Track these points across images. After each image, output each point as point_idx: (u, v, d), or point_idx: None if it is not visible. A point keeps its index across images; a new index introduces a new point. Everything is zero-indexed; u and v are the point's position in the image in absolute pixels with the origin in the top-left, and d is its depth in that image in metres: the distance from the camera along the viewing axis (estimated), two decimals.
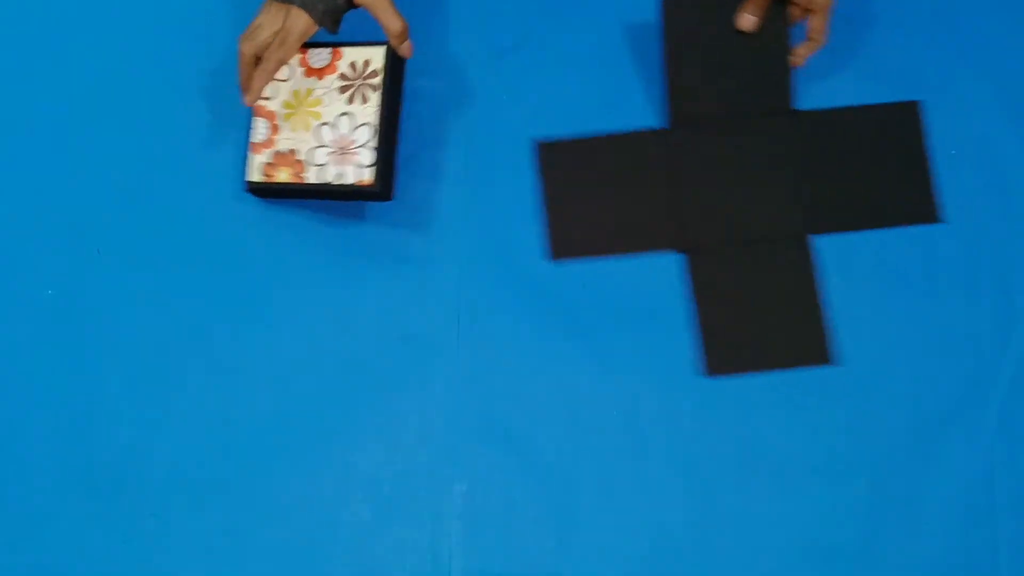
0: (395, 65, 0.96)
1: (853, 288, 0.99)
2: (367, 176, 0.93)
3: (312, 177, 0.94)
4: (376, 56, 0.95)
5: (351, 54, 0.95)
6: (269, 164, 0.95)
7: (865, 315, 0.99)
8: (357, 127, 0.94)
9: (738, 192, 1.00)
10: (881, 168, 1.02)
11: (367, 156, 0.93)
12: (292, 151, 0.95)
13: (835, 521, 0.94)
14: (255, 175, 0.96)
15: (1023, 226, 1.01)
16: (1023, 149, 1.03)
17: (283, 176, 0.94)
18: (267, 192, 0.97)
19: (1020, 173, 1.03)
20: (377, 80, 0.94)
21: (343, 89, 0.95)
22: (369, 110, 0.94)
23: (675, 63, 0.99)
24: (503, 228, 1.00)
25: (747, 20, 0.97)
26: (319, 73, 0.96)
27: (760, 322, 0.98)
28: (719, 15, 0.98)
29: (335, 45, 0.96)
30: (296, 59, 0.96)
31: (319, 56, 0.96)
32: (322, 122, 0.95)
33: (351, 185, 0.93)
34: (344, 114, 0.94)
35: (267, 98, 0.96)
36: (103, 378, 0.96)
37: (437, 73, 1.02)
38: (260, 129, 0.96)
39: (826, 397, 0.97)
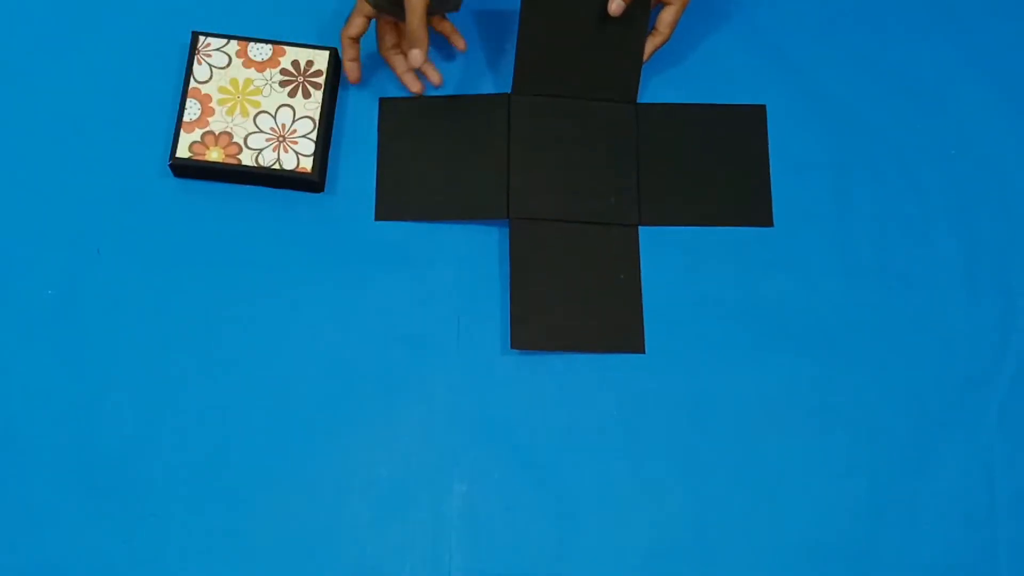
0: (337, 70, 1.03)
1: (853, 287, 0.99)
2: (306, 164, 0.98)
3: (248, 160, 0.98)
4: (320, 59, 1.01)
5: (294, 53, 1.01)
6: (198, 143, 0.99)
7: (864, 314, 0.99)
8: (298, 119, 0.99)
9: (571, 170, 1.01)
10: (720, 168, 1.02)
11: (307, 146, 0.98)
12: (227, 133, 0.98)
13: (835, 521, 0.94)
14: (183, 152, 0.99)
15: (1023, 226, 1.01)
16: (1023, 149, 1.03)
17: (214, 156, 0.98)
18: (192, 171, 0.99)
19: (1020, 173, 1.03)
20: (321, 79, 1.01)
21: (284, 83, 1.01)
22: (311, 105, 1.00)
23: (528, 32, 0.98)
24: (504, 228, 1.00)
25: (616, 5, 0.96)
26: (259, 66, 1.01)
27: (574, 302, 0.98)
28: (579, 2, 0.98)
29: (276, 43, 1.01)
30: (235, 50, 1.01)
31: (260, 50, 1.01)
32: (261, 110, 0.99)
33: (290, 171, 0.98)
34: (285, 106, 1.00)
35: (202, 81, 1.00)
36: (103, 378, 0.96)
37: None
38: (192, 109, 0.99)
39: (826, 397, 0.97)
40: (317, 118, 1.00)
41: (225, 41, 1.02)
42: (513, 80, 1.01)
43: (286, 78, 1.01)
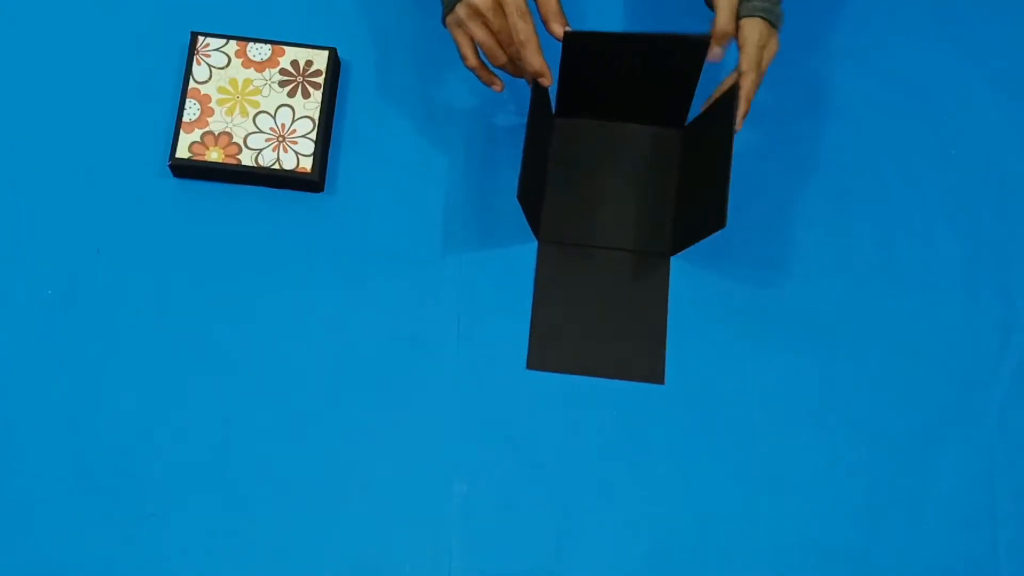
0: (336, 69, 1.02)
1: (854, 287, 0.99)
2: (306, 164, 0.98)
3: (247, 160, 0.98)
4: (319, 58, 1.01)
5: (294, 53, 1.01)
6: (198, 143, 0.99)
7: (864, 314, 0.99)
8: (298, 119, 0.99)
9: (609, 196, 1.00)
10: None
11: (307, 146, 0.98)
12: (227, 133, 0.98)
13: (835, 521, 0.94)
14: (183, 152, 0.99)
15: (1023, 226, 1.01)
16: (1023, 149, 1.03)
17: (214, 156, 0.98)
18: (192, 171, 0.99)
19: (1020, 173, 1.03)
20: (320, 79, 1.00)
21: (283, 83, 1.01)
22: (311, 105, 1.00)
23: (569, 63, 0.94)
24: (503, 229, 1.00)
25: (715, 53, 0.92)
26: (258, 66, 1.01)
27: (596, 327, 0.97)
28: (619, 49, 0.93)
29: (276, 43, 1.01)
30: (234, 50, 1.01)
31: (259, 50, 1.01)
32: (261, 110, 0.99)
33: (289, 171, 0.98)
34: (285, 106, 1.00)
35: (201, 82, 1.00)
36: (102, 378, 0.96)
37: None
38: (192, 109, 0.99)
39: (826, 397, 0.97)
40: (317, 118, 1.00)
41: (224, 41, 1.02)
42: (556, 102, 1.00)
43: (285, 78, 1.01)
